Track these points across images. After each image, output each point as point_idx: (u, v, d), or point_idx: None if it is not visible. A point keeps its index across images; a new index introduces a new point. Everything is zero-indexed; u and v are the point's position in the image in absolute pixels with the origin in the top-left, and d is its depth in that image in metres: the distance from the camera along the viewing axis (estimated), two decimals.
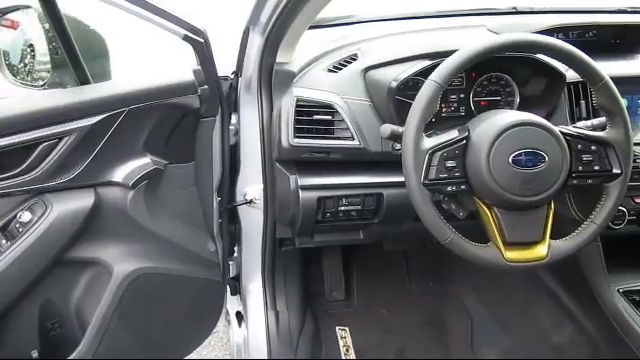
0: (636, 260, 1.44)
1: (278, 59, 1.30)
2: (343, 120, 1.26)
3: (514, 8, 1.67)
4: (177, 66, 1.33)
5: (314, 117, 1.25)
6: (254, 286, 1.58)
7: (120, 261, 1.33)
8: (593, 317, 1.44)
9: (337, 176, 1.32)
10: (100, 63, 1.37)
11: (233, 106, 1.43)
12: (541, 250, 1.05)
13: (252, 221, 1.49)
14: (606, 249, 1.37)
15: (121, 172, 1.27)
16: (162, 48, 1.54)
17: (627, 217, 1.34)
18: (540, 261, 1.05)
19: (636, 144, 1.28)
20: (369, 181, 1.32)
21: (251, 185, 1.43)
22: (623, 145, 1.07)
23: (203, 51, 1.24)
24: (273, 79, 1.31)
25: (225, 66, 1.43)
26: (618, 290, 1.37)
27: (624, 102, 1.13)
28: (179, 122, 1.30)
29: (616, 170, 1.07)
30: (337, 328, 1.85)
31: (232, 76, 1.43)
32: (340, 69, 1.35)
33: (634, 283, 1.39)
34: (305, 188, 1.29)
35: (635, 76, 1.31)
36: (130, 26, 1.31)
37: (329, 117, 1.26)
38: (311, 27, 1.49)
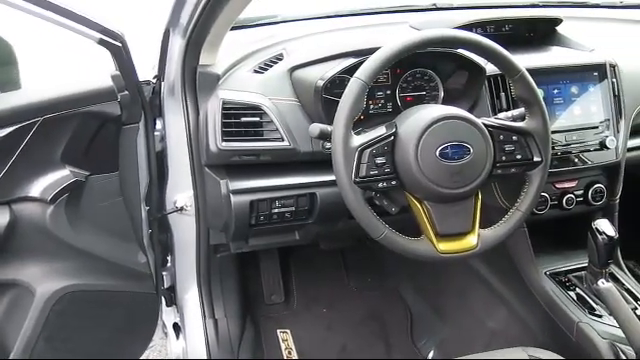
0: (560, 243, 1.51)
1: (201, 61, 1.26)
2: (272, 121, 1.24)
3: (434, 5, 1.71)
4: (94, 72, 1.27)
5: (242, 119, 1.23)
6: (190, 295, 1.53)
7: (43, 281, 1.26)
8: (524, 300, 1.50)
9: (269, 178, 1.30)
10: (7, 71, 1.28)
11: (157, 111, 1.38)
12: (471, 240, 1.08)
13: (184, 229, 1.44)
14: (532, 234, 1.44)
15: (38, 186, 1.19)
16: (78, 54, 1.46)
17: (549, 202, 1.41)
18: (471, 251, 1.08)
19: (554, 132, 1.35)
20: (302, 181, 1.31)
21: (181, 192, 1.39)
22: (542, 134, 1.11)
23: (121, 55, 1.19)
24: (197, 82, 1.27)
25: (146, 70, 1.38)
26: (545, 273, 1.43)
27: (540, 92, 1.18)
28: (99, 130, 1.24)
29: (537, 158, 1.12)
30: (278, 331, 1.83)
31: (154, 80, 1.38)
32: (266, 69, 1.33)
33: (559, 265, 1.46)
34: (236, 192, 1.26)
35: (549, 67, 1.37)
36: (42, 31, 1.24)
37: (257, 119, 1.24)
38: (234, 27, 1.46)
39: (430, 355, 1.76)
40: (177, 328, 1.59)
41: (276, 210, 1.30)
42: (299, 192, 1.30)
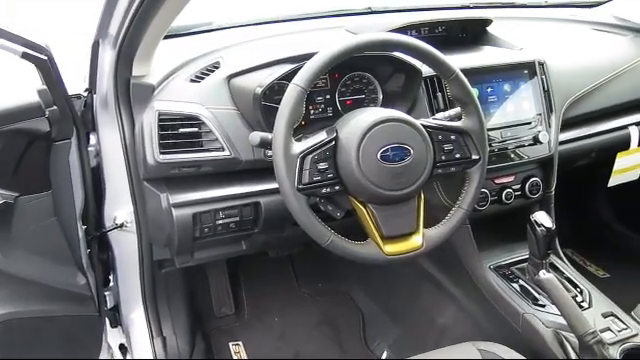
0: (502, 237, 1.55)
1: (134, 72, 1.22)
2: (211, 131, 1.21)
3: (369, 8, 1.72)
4: (18, 87, 1.20)
5: (180, 131, 1.19)
6: (136, 314, 1.48)
7: None
8: (471, 296, 1.53)
9: (211, 189, 1.27)
10: None
11: (90, 125, 1.32)
12: (416, 240, 1.09)
13: (126, 246, 1.39)
14: (475, 230, 1.47)
15: None
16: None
17: (490, 198, 1.45)
18: (417, 251, 1.09)
19: (490, 129, 1.38)
20: (245, 191, 1.29)
21: (120, 208, 1.34)
22: (478, 132, 1.14)
23: (47, 69, 1.13)
24: (131, 94, 1.23)
25: (77, 83, 1.33)
26: (489, 267, 1.47)
27: (475, 92, 1.21)
28: (27, 149, 1.17)
29: (475, 156, 1.14)
30: (230, 344, 1.79)
31: (85, 93, 1.32)
32: (203, 78, 1.29)
33: (502, 258, 1.50)
34: (178, 205, 1.23)
35: (482, 67, 1.41)
36: None
37: (196, 129, 1.21)
38: (168, 36, 1.43)
39: (384, 356, 1.77)
40: (124, 349, 1.53)
41: (220, 221, 1.27)
42: (243, 202, 1.28)
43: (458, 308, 1.60)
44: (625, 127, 1.72)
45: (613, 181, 1.79)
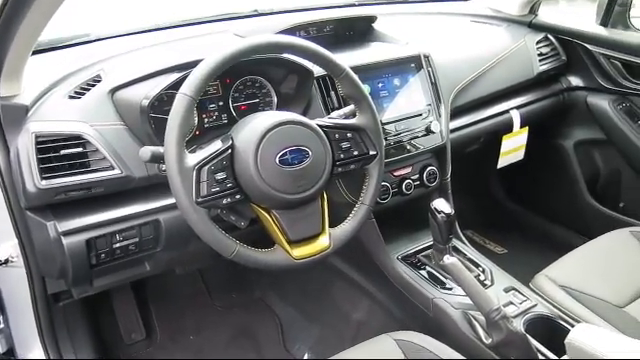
0: (406, 227, 1.60)
1: (2, 93, 1.10)
2: (97, 150, 1.12)
3: (255, 11, 1.70)
4: None
5: (62, 152, 1.09)
6: (34, 355, 1.35)
7: None
8: (382, 288, 1.56)
9: (105, 211, 1.18)
10: None
11: None
12: (323, 241, 1.09)
13: (14, 283, 1.26)
14: (380, 223, 1.49)
15: None
16: None
17: (391, 190, 1.48)
18: (325, 251, 1.09)
19: (385, 124, 1.42)
20: (142, 209, 1.21)
21: (2, 242, 1.21)
22: (373, 128, 1.16)
23: None
24: (1, 117, 1.12)
25: None
26: (397, 257, 1.51)
27: (367, 88, 1.23)
28: None
29: (372, 152, 1.16)
30: None
31: None
32: (83, 94, 1.20)
33: (408, 248, 1.54)
34: (68, 233, 1.13)
35: (371, 63, 1.43)
36: None
37: (80, 149, 1.11)
38: (39, 51, 1.33)
39: (305, 356, 1.76)
40: None
41: (118, 244, 1.19)
42: (141, 221, 1.21)
43: (372, 301, 1.63)
44: (507, 111, 1.83)
45: (502, 162, 1.91)
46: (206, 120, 1.29)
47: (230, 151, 1.01)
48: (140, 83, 1.18)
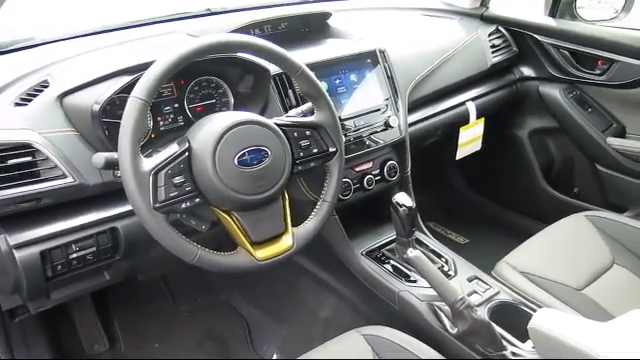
0: (369, 222, 1.60)
1: None
2: (48, 159, 1.08)
3: (208, 10, 1.67)
4: None
5: (9, 162, 1.04)
6: None
7: None
8: (348, 284, 1.56)
9: (60, 221, 1.14)
10: None
11: None
12: (286, 241, 1.08)
13: None
14: (343, 219, 1.49)
15: None
16: None
17: (352, 186, 1.48)
18: (289, 251, 1.08)
19: (344, 120, 1.42)
20: (98, 217, 1.17)
21: None
22: (331, 124, 1.15)
23: None
24: None
25: None
26: (361, 252, 1.51)
27: (324, 85, 1.22)
28: None
29: (332, 149, 1.15)
30: None
31: None
32: (30, 100, 1.15)
33: (372, 242, 1.55)
34: (20, 246, 1.08)
35: (327, 60, 1.43)
36: None
37: (29, 158, 1.06)
38: None
39: (274, 357, 1.75)
40: None
41: (74, 255, 1.15)
42: (98, 229, 1.17)
43: (338, 298, 1.63)
44: (463, 103, 1.86)
45: (460, 153, 1.94)
46: (161, 123, 1.26)
47: (187, 154, 0.99)
48: (90, 87, 1.14)
